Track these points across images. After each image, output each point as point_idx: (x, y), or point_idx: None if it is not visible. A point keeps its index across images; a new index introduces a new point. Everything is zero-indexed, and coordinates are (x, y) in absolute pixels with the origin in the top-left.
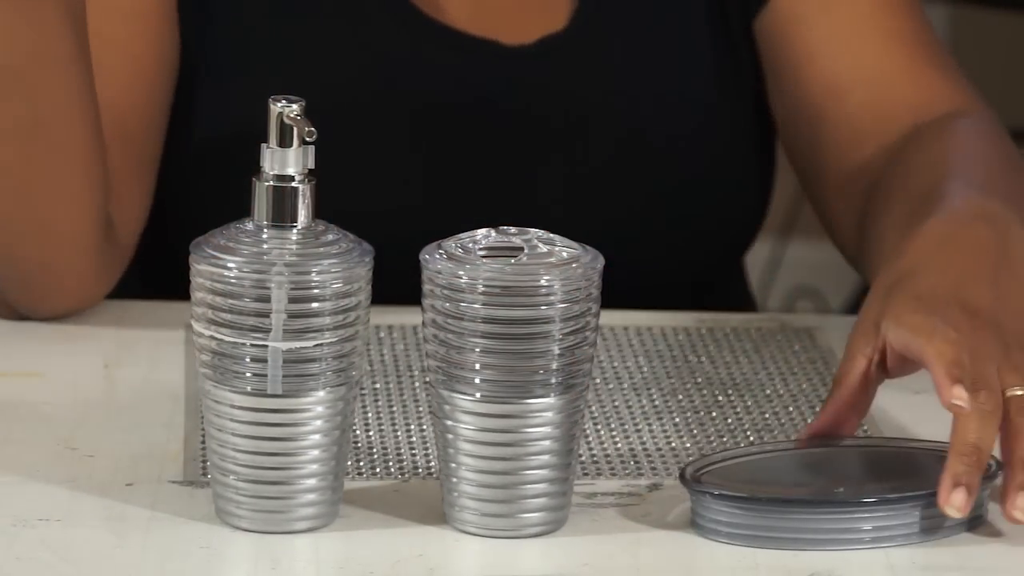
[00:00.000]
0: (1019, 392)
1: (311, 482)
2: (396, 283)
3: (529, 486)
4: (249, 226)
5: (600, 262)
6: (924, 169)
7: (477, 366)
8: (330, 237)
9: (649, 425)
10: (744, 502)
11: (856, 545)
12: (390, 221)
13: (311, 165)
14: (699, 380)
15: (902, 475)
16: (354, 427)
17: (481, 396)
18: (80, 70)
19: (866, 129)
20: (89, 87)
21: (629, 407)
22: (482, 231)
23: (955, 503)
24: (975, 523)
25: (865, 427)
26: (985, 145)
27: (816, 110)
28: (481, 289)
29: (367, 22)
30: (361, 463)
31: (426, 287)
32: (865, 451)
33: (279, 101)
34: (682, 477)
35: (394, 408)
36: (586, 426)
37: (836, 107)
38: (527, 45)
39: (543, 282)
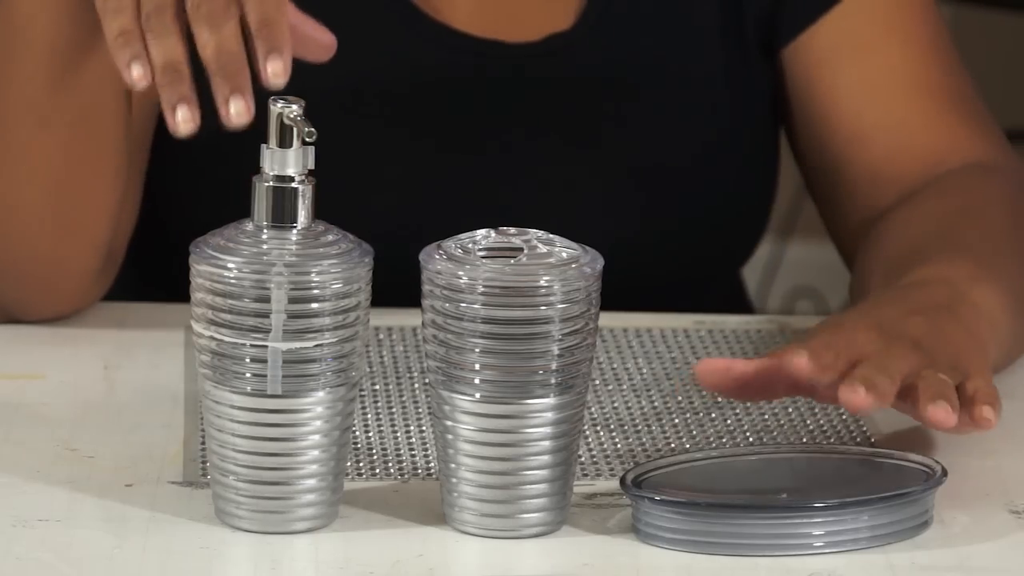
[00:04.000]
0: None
1: (311, 482)
2: (396, 284)
3: (529, 486)
4: (249, 226)
5: (600, 263)
6: (919, 222)
7: (477, 366)
8: (330, 238)
9: (648, 426)
10: (684, 507)
11: (797, 551)
12: (394, 223)
13: (311, 166)
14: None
15: (847, 482)
16: (354, 428)
17: (481, 396)
18: None
19: (886, 177)
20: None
21: (628, 408)
22: (482, 231)
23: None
24: (920, 529)
25: (864, 428)
26: (993, 204)
27: (840, 155)
28: (481, 289)
29: (368, 24)
30: (361, 464)
31: (426, 287)
32: (810, 458)
33: (278, 101)
34: (622, 482)
35: (394, 409)
36: (586, 427)
37: (859, 154)
38: (532, 43)
39: (543, 283)
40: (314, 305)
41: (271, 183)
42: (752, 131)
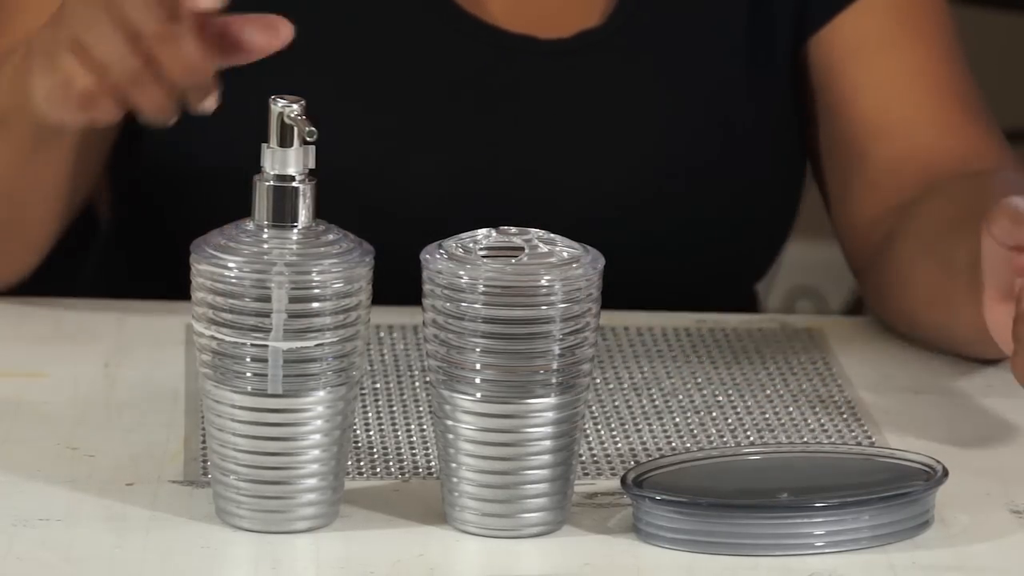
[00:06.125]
0: None
1: (311, 482)
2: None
3: (529, 486)
4: (249, 226)
5: (600, 262)
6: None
7: (477, 366)
8: (330, 237)
9: (649, 425)
10: (685, 507)
11: (798, 551)
12: (422, 212)
13: (311, 165)
14: (699, 380)
15: (847, 482)
16: (354, 427)
17: (481, 396)
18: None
19: (909, 171)
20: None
21: (629, 407)
22: (483, 231)
23: None
24: (921, 529)
25: (866, 427)
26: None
27: (858, 147)
28: (481, 289)
29: (402, 16)
30: (361, 463)
31: (426, 287)
32: (810, 458)
33: (279, 101)
34: (623, 482)
35: (394, 408)
36: (586, 426)
37: (881, 149)
38: (563, 40)
39: (543, 282)
40: (315, 304)
41: (272, 183)
42: (778, 136)
